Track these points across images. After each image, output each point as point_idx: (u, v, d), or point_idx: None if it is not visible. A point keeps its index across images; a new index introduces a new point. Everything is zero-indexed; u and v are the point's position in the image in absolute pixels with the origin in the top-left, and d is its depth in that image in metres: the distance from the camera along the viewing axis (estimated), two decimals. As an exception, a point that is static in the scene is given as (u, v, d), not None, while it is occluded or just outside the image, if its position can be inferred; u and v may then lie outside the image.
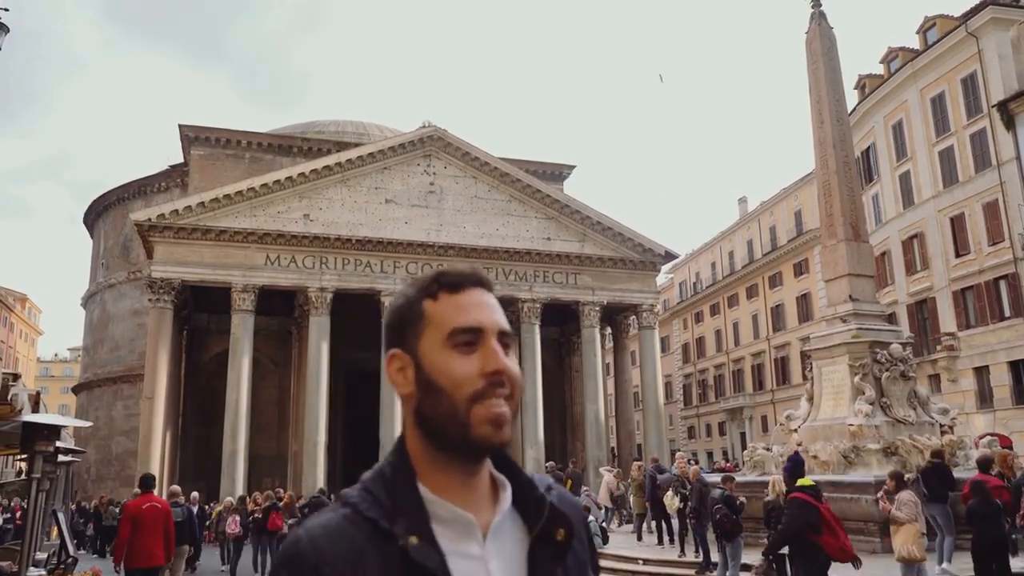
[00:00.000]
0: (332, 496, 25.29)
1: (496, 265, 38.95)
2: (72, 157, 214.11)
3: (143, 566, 10.41)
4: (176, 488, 16.43)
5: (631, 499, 21.63)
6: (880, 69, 42.34)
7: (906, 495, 10.66)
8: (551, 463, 27.88)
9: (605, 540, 17.98)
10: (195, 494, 20.51)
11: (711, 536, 13.50)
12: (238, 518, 20.08)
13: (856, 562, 8.73)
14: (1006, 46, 33.90)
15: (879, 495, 11.41)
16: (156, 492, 30.21)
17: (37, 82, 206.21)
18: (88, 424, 17.17)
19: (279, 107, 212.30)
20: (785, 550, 10.45)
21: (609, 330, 46.09)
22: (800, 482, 8.84)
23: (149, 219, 34.84)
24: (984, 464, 12.35)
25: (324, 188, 37.57)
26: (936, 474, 12.47)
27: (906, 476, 11.74)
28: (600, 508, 22.80)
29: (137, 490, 11.32)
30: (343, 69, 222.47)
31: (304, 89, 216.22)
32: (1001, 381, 32.74)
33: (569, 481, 24.65)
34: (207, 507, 26.90)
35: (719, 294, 64.84)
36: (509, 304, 40.27)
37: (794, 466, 8.95)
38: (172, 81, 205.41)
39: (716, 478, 14.76)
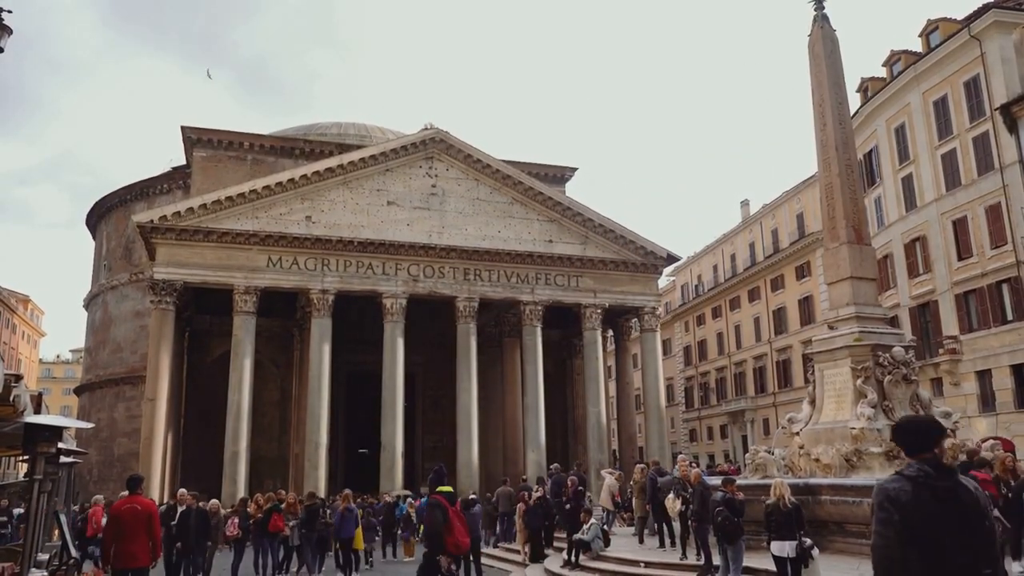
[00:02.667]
0: (327, 500, 25.14)
1: (498, 268, 38.96)
2: (74, 159, 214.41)
3: (123, 567, 10.36)
4: (125, 494, 16.36)
5: (632, 502, 21.58)
6: (882, 72, 42.33)
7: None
8: (555, 465, 27.82)
9: (606, 543, 17.95)
10: (182, 491, 19.84)
11: (712, 539, 13.47)
12: (237, 520, 20.03)
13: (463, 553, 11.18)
14: (1009, 49, 33.88)
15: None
16: (159, 493, 29.86)
17: (38, 84, 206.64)
18: (90, 425, 17.09)
19: (281, 109, 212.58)
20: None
21: (611, 333, 46.06)
22: (440, 488, 10.43)
23: (151, 221, 34.89)
24: (977, 464, 12.55)
25: (326, 190, 37.61)
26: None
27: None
28: (600, 509, 22.75)
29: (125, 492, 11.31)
30: (345, 71, 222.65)
31: (306, 91, 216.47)
32: (1003, 385, 32.68)
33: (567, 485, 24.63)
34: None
35: (721, 297, 64.81)
36: (511, 307, 40.30)
37: (436, 476, 10.65)
38: (174, 83, 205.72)
39: (717, 481, 14.73)
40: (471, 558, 16.99)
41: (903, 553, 4.05)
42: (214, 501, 20.36)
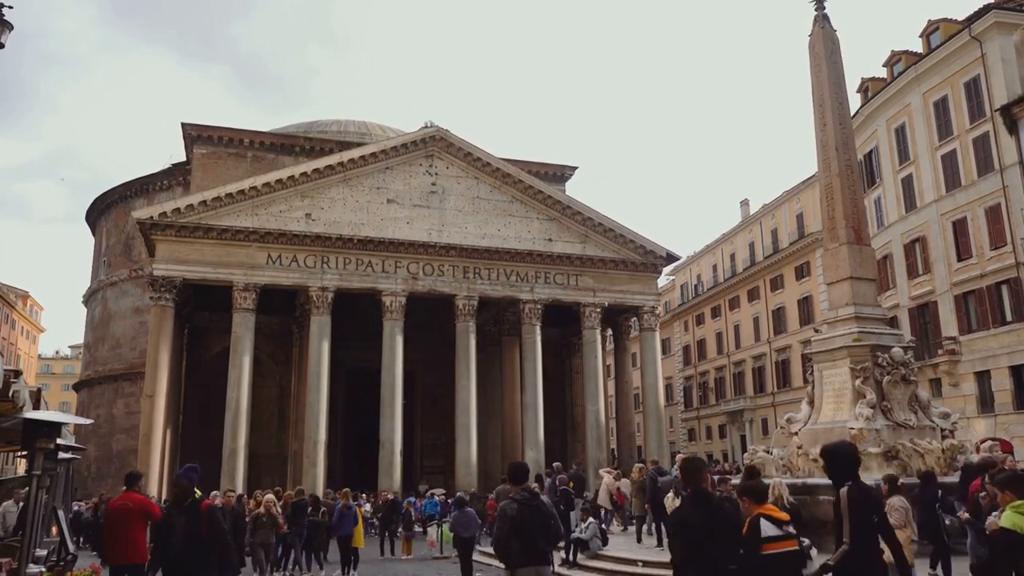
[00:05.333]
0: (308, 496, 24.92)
1: (497, 266, 38.96)
2: (74, 155, 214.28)
3: (116, 563, 10.51)
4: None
5: (632, 501, 21.58)
6: (883, 72, 42.30)
7: (896, 500, 10.57)
8: (557, 463, 27.80)
9: (604, 542, 17.96)
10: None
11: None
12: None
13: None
14: (1009, 50, 33.88)
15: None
16: (157, 489, 29.86)
17: (37, 80, 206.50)
18: (89, 421, 17.07)
19: (281, 106, 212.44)
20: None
21: (610, 332, 46.05)
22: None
23: (151, 217, 34.87)
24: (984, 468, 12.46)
25: (326, 187, 37.59)
26: None
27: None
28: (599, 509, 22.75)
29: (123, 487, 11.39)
30: (345, 68, 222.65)
31: (305, 88, 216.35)
32: (1002, 385, 32.70)
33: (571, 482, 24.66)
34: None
35: (720, 296, 64.81)
36: (510, 305, 40.31)
37: (190, 476, 9.83)
38: (174, 80, 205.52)
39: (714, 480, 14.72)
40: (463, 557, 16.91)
41: (510, 542, 7.21)
42: (271, 496, 18.30)
